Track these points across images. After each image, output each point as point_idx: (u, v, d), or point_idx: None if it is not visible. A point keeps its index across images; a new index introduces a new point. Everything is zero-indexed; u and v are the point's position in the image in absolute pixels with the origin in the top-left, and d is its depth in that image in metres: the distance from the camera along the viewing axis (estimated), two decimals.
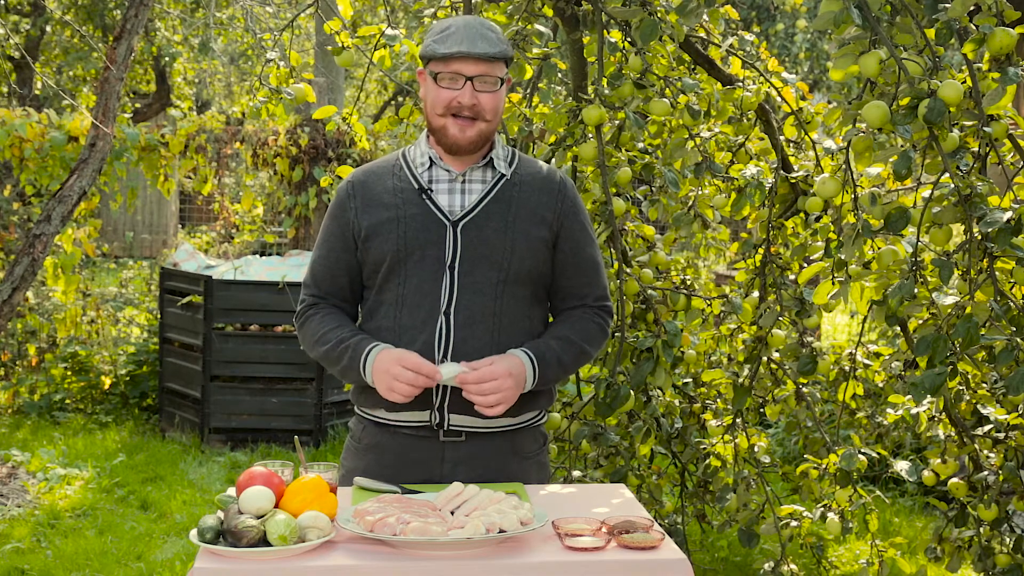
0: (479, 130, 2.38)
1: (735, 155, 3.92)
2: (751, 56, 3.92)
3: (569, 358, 2.45)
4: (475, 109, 2.36)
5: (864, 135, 2.81)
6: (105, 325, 7.84)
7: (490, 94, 2.37)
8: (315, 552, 1.94)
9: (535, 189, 2.46)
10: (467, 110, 2.35)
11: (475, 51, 2.32)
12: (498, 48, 2.35)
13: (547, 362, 2.40)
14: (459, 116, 2.36)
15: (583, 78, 3.71)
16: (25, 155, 7.13)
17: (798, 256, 3.66)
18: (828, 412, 4.61)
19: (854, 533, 4.76)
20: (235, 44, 14.38)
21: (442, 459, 2.42)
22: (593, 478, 3.65)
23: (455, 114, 2.36)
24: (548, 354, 2.41)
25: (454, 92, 2.35)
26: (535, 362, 2.38)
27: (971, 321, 2.65)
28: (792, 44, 16.80)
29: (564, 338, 2.46)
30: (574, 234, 2.49)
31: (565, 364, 2.44)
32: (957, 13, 2.57)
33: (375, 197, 2.45)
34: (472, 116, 2.36)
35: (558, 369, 2.43)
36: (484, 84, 2.36)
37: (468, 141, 2.38)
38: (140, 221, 15.99)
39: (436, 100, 2.38)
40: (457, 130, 2.37)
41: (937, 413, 3.60)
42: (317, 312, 2.50)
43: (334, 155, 7.80)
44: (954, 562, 3.65)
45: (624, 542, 1.97)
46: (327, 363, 2.48)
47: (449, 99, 2.36)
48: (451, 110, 2.37)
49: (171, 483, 5.83)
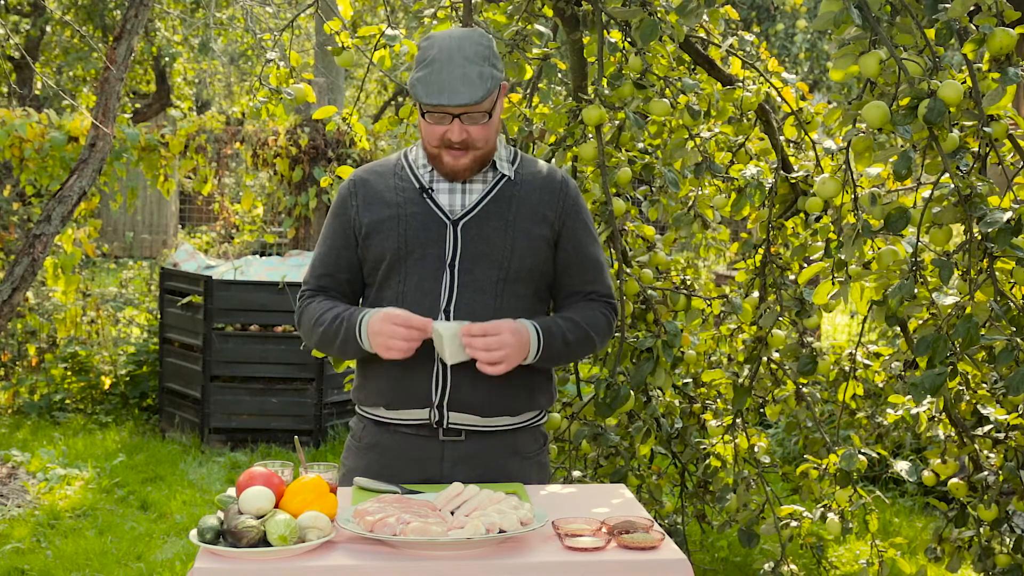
0: (472, 157, 2.39)
1: (735, 155, 3.92)
2: (751, 56, 3.92)
3: (574, 339, 2.43)
4: (465, 142, 2.36)
5: (864, 135, 2.81)
6: (105, 325, 7.84)
7: (479, 126, 2.36)
8: (315, 552, 1.94)
9: (536, 188, 2.47)
10: (457, 144, 2.36)
11: (456, 102, 2.29)
12: (481, 92, 2.30)
13: (553, 335, 2.39)
14: (451, 148, 2.37)
15: (583, 78, 3.71)
16: (25, 155, 7.13)
17: (798, 256, 3.66)
18: (828, 412, 4.61)
19: (854, 533, 4.76)
20: (235, 44, 14.38)
21: (442, 458, 2.42)
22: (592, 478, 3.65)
23: (447, 147, 2.37)
24: (554, 328, 2.40)
25: (443, 127, 2.35)
26: (540, 333, 2.37)
27: (971, 321, 2.65)
28: (792, 44, 16.80)
29: (570, 320, 2.45)
30: (576, 233, 2.49)
31: (570, 343, 2.43)
32: (957, 13, 2.57)
33: (377, 195, 2.45)
34: (463, 148, 2.37)
35: (562, 347, 2.41)
36: (472, 119, 2.35)
37: (463, 168, 2.39)
38: (140, 221, 15.99)
39: (427, 134, 2.39)
40: (451, 159, 2.38)
41: (937, 413, 3.60)
42: (315, 299, 2.51)
43: (334, 155, 7.80)
44: (954, 562, 3.65)
45: (624, 542, 1.97)
46: (326, 344, 2.46)
47: (440, 134, 2.36)
48: (443, 144, 2.37)
49: (171, 483, 5.83)
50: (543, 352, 2.38)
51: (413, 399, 2.39)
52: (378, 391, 2.44)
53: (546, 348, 2.38)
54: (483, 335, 2.27)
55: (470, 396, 2.39)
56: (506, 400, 2.41)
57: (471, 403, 2.38)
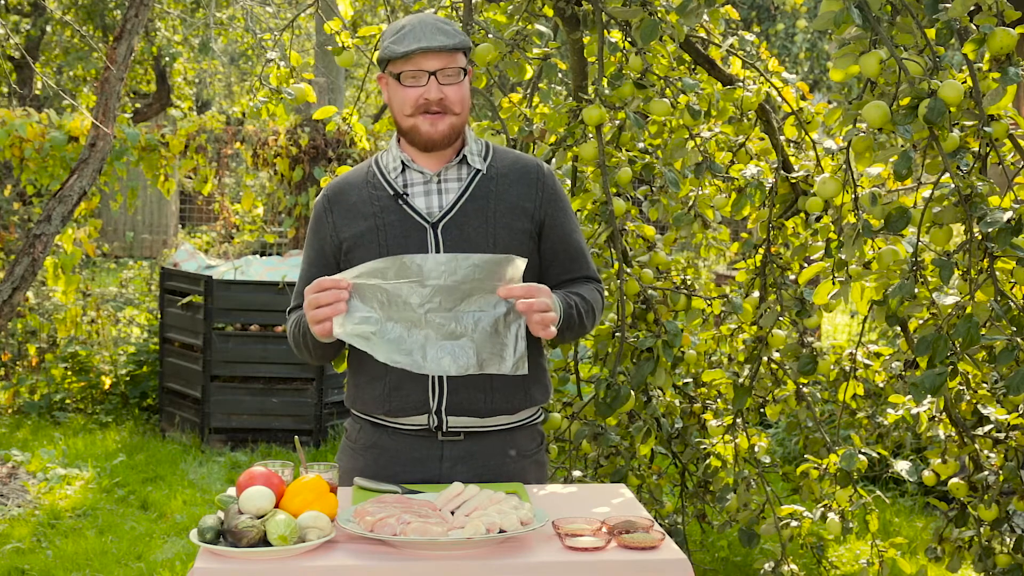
0: (450, 123, 2.38)
1: (735, 155, 3.92)
2: (751, 56, 3.92)
3: (585, 310, 2.41)
4: (443, 103, 2.36)
5: (864, 135, 2.81)
6: (105, 325, 7.84)
7: (455, 86, 2.37)
8: (315, 552, 1.94)
9: (513, 181, 2.45)
10: (435, 105, 2.35)
11: (434, 44, 2.32)
12: (456, 39, 2.35)
13: (569, 305, 2.37)
14: (428, 112, 2.36)
15: (583, 78, 3.71)
16: (25, 155, 7.13)
17: (798, 256, 3.66)
18: (828, 412, 4.60)
19: (854, 533, 4.76)
20: (235, 44, 14.39)
21: (441, 457, 2.42)
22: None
23: (424, 111, 2.36)
24: (568, 299, 2.38)
25: (419, 89, 2.35)
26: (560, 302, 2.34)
27: (971, 321, 2.65)
28: (792, 44, 16.81)
29: (577, 294, 2.43)
30: (558, 221, 2.48)
31: (582, 314, 2.40)
32: (957, 13, 2.57)
33: (352, 208, 2.44)
34: (440, 110, 2.36)
35: (576, 317, 2.38)
36: (448, 77, 2.36)
37: (441, 135, 2.38)
38: (140, 221, 15.99)
39: (403, 100, 2.38)
40: (428, 125, 2.37)
41: (937, 413, 3.60)
42: (295, 313, 2.50)
43: (334, 155, 7.80)
44: (954, 562, 3.65)
45: (624, 542, 1.97)
46: (301, 345, 2.45)
47: (416, 96, 2.36)
48: (419, 108, 2.36)
49: (171, 483, 5.83)
50: (564, 320, 2.34)
51: (411, 407, 2.38)
52: (374, 400, 2.43)
53: (566, 317, 2.36)
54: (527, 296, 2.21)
55: (468, 400, 2.38)
56: (503, 399, 2.41)
57: (470, 407, 2.38)
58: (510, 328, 2.24)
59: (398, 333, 2.21)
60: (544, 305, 2.21)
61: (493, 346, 2.23)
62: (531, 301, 2.20)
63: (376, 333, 2.21)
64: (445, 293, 2.20)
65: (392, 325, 2.21)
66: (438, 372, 2.22)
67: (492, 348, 2.22)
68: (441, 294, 2.20)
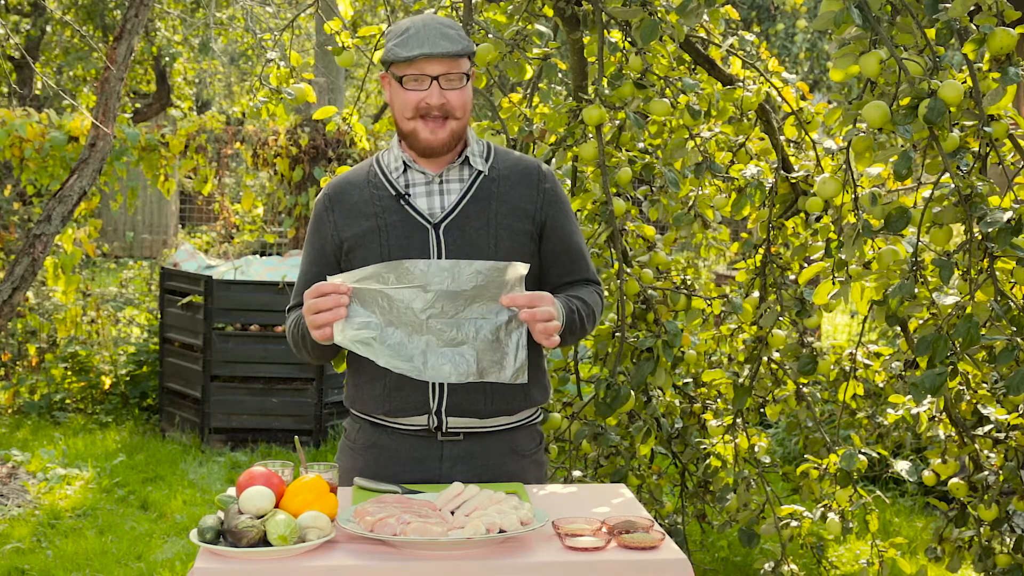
0: (451, 130, 2.37)
1: (735, 155, 3.92)
2: (751, 56, 3.92)
3: (586, 314, 2.42)
4: (444, 108, 2.35)
5: (864, 135, 2.81)
6: (105, 325, 7.84)
7: (457, 91, 2.36)
8: (315, 552, 1.94)
9: (514, 183, 2.45)
10: (436, 110, 2.34)
11: (437, 51, 2.30)
12: (460, 45, 2.34)
13: (571, 310, 2.37)
14: (429, 117, 2.35)
15: (583, 78, 3.72)
16: (25, 155, 7.13)
17: (798, 256, 3.66)
18: (828, 412, 4.61)
19: (854, 533, 4.76)
20: (235, 44, 14.39)
21: (441, 457, 2.42)
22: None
23: (424, 116, 2.35)
24: (570, 304, 2.39)
25: (421, 93, 2.34)
26: (563, 307, 2.34)
27: (971, 321, 2.65)
28: (792, 44, 16.81)
29: (578, 297, 2.44)
30: (559, 223, 2.48)
31: (583, 318, 2.41)
32: (957, 13, 2.57)
33: (353, 208, 2.43)
34: (442, 116, 2.35)
35: (578, 321, 2.39)
36: (450, 82, 2.34)
37: (440, 143, 2.37)
38: (140, 221, 15.99)
39: (404, 103, 2.37)
40: (428, 132, 2.36)
41: (937, 413, 3.60)
42: (294, 312, 2.50)
43: (334, 155, 7.80)
44: (954, 562, 3.65)
45: (624, 542, 1.97)
46: (300, 345, 2.44)
47: (417, 100, 2.35)
48: (420, 112, 2.35)
49: (171, 483, 5.83)
50: (566, 326, 2.35)
51: (411, 407, 2.38)
52: (374, 400, 2.43)
53: (568, 323, 2.36)
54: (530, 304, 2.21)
55: (468, 401, 2.38)
56: (504, 400, 2.41)
57: (470, 407, 2.38)
58: (511, 336, 2.24)
59: (399, 339, 2.22)
60: (547, 314, 2.22)
61: (494, 354, 2.23)
62: (534, 310, 2.21)
63: (376, 338, 2.22)
64: (447, 299, 2.20)
65: (392, 330, 2.22)
66: (438, 379, 2.24)
67: (493, 356, 2.23)
68: (444, 300, 2.20)
